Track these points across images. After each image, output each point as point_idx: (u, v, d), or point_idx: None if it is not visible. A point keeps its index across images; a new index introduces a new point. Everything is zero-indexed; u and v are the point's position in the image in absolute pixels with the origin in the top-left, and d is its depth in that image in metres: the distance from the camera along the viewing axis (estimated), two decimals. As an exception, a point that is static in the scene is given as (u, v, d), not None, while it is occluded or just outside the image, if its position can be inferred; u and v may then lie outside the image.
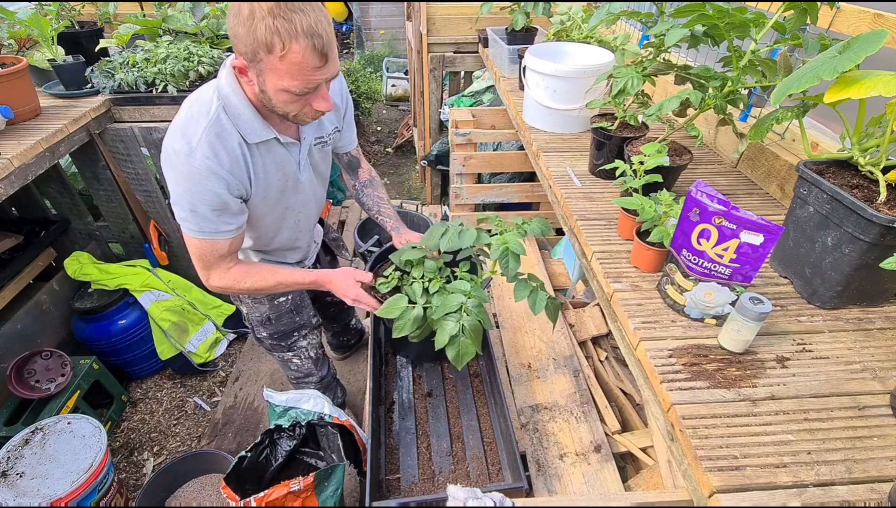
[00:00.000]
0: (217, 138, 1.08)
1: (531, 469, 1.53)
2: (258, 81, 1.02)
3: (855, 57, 0.83)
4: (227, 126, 1.09)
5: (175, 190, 1.11)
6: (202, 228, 1.15)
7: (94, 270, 2.31)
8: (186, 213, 1.13)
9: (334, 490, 1.48)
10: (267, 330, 1.65)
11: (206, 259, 1.22)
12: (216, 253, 1.21)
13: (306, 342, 1.76)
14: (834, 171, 1.03)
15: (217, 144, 1.08)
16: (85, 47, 2.33)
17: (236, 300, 1.65)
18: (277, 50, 0.92)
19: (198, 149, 1.06)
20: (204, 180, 1.08)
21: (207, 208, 1.12)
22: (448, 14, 3.09)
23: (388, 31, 6.68)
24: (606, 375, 1.82)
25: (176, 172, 1.09)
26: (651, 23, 1.39)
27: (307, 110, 1.08)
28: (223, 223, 1.16)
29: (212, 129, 1.07)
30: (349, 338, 2.41)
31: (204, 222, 1.14)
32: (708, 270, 0.98)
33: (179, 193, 1.11)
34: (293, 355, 1.76)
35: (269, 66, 0.96)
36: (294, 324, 1.67)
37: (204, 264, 1.24)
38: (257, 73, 1.00)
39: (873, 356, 0.96)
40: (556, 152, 1.74)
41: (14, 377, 1.92)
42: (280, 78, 0.97)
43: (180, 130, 1.08)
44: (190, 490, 1.89)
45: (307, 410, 1.56)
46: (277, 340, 1.69)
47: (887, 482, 0.76)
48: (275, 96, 1.03)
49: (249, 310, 1.61)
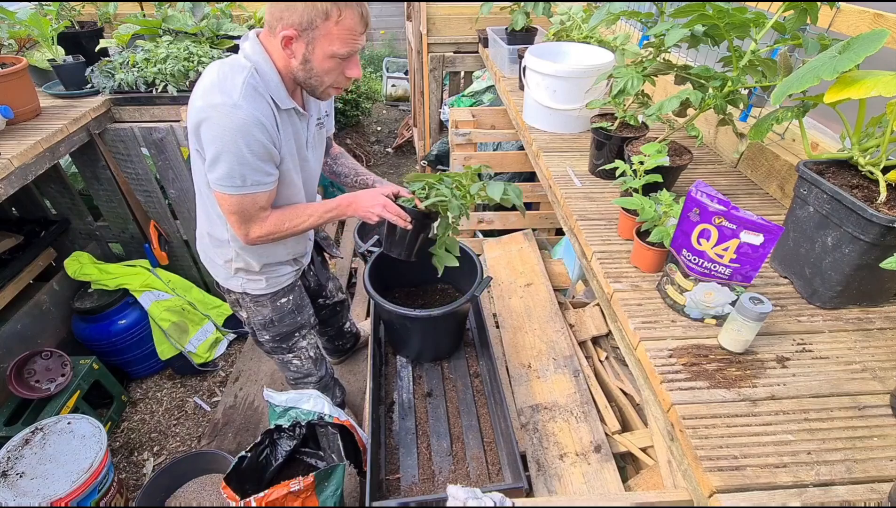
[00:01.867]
0: (255, 92, 1.12)
1: (531, 469, 1.53)
2: (305, 51, 1.10)
3: (855, 57, 0.83)
4: (260, 85, 1.14)
5: (218, 146, 1.11)
6: (247, 181, 1.16)
7: (94, 270, 2.31)
8: (231, 167, 1.13)
9: (334, 490, 1.48)
10: (270, 332, 1.65)
11: (246, 214, 1.22)
12: (257, 206, 1.21)
13: (306, 342, 1.76)
14: (834, 171, 1.03)
15: (257, 97, 1.12)
16: (85, 47, 2.33)
17: (236, 307, 1.64)
18: (334, 16, 1.05)
19: (241, 100, 1.09)
20: (251, 129, 1.10)
21: (255, 158, 1.13)
22: (448, 14, 3.09)
23: (388, 31, 6.68)
24: (606, 375, 1.82)
25: (220, 126, 1.09)
26: (651, 23, 1.38)
27: (339, 80, 1.18)
28: (266, 174, 1.19)
29: (249, 83, 1.11)
30: (344, 342, 2.40)
31: (250, 173, 1.15)
32: (708, 270, 0.98)
33: (224, 147, 1.11)
34: (293, 356, 1.76)
35: (324, 31, 1.07)
36: (296, 324, 1.67)
37: (243, 220, 1.23)
38: (307, 41, 1.09)
39: (873, 356, 0.96)
40: (556, 152, 1.74)
41: (14, 377, 1.92)
42: (331, 43, 1.09)
43: (216, 87, 1.10)
44: (190, 490, 1.89)
45: (307, 410, 1.57)
46: (279, 342, 1.69)
47: (887, 482, 0.76)
48: (320, 64, 1.12)
49: (251, 314, 1.61)
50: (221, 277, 1.54)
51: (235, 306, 1.65)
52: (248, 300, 1.58)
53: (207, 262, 1.56)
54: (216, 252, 1.49)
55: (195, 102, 1.13)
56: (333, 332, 2.30)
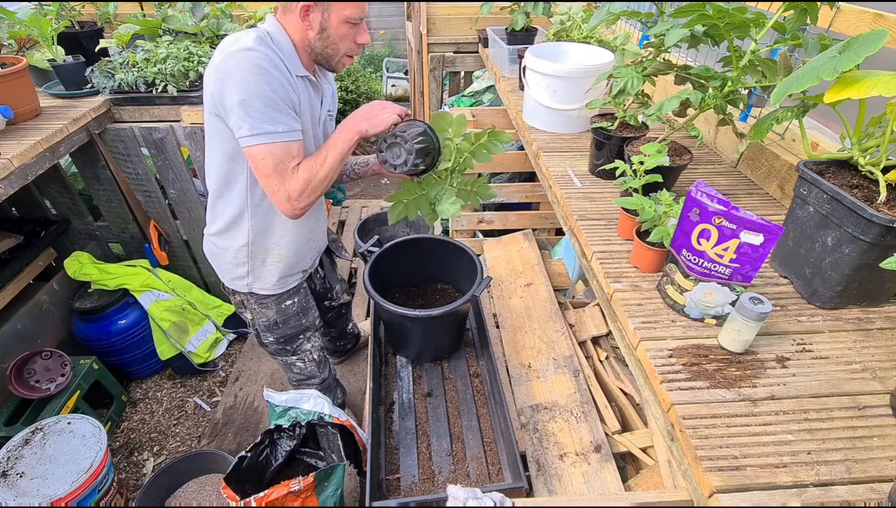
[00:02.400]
0: (268, 47, 1.17)
1: (531, 469, 1.53)
2: (322, 18, 1.19)
3: (855, 57, 0.83)
4: (271, 45, 1.18)
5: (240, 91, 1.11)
6: (277, 125, 1.15)
7: (94, 270, 2.31)
8: (259, 109, 1.13)
9: (334, 490, 1.49)
10: (274, 334, 1.64)
11: (282, 167, 1.18)
12: (290, 155, 1.19)
13: (310, 345, 1.76)
14: (834, 171, 1.03)
15: (269, 51, 1.16)
16: (85, 47, 2.33)
17: (240, 308, 1.63)
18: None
19: (256, 47, 1.14)
20: (269, 68, 1.13)
21: (278, 98, 1.15)
22: (448, 14, 3.09)
23: (388, 31, 6.68)
24: (606, 375, 1.82)
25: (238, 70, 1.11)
26: (651, 23, 1.38)
27: (351, 47, 1.26)
28: (294, 119, 1.19)
29: (261, 39, 1.16)
30: (346, 342, 2.41)
31: (278, 114, 1.15)
32: (708, 270, 0.98)
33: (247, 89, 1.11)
34: (297, 358, 1.75)
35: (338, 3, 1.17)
36: (300, 326, 1.67)
37: (282, 177, 1.19)
38: (322, 9, 1.18)
39: (873, 356, 0.96)
40: (556, 152, 1.74)
41: (14, 377, 1.92)
42: (344, 8, 1.18)
43: (228, 44, 1.14)
44: (190, 490, 1.89)
45: (307, 410, 1.57)
46: (283, 344, 1.68)
47: (887, 482, 0.76)
48: (335, 30, 1.21)
49: (256, 316, 1.60)
50: (228, 276, 1.53)
51: (240, 307, 1.64)
52: (252, 302, 1.57)
53: (214, 261, 1.54)
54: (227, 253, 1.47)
55: (210, 72, 1.16)
56: (336, 333, 2.30)
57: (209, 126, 1.25)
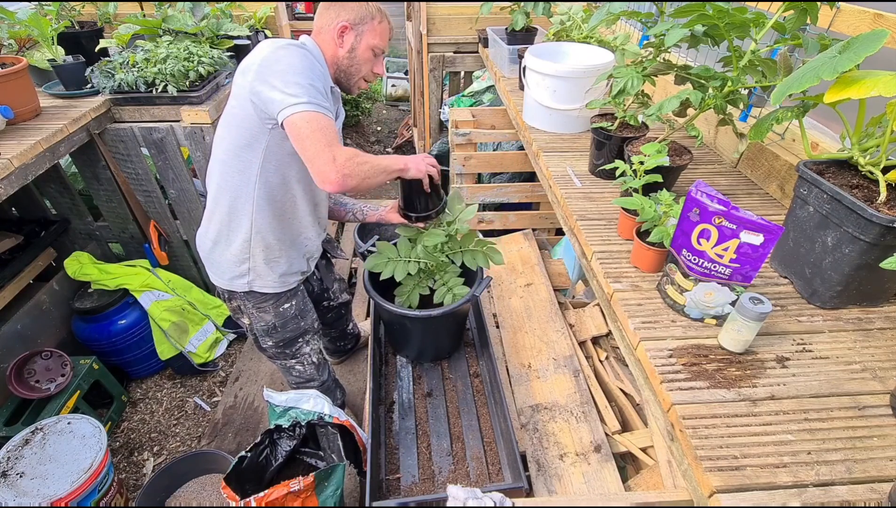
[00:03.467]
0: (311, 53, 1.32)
1: (531, 469, 1.53)
2: (354, 41, 1.36)
3: (855, 57, 0.83)
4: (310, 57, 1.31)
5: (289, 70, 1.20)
6: (326, 104, 1.22)
7: (94, 270, 2.31)
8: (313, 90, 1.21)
9: (334, 490, 1.49)
10: (273, 339, 1.64)
11: (329, 134, 1.20)
12: (332, 128, 1.22)
13: (309, 347, 1.75)
14: (834, 171, 1.03)
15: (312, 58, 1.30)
16: (85, 47, 2.33)
17: (237, 314, 1.62)
18: (377, 19, 1.37)
19: (304, 46, 1.31)
20: (315, 64, 1.27)
21: (322, 86, 1.25)
22: (448, 14, 3.09)
23: (388, 31, 6.67)
24: (606, 375, 1.82)
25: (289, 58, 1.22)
26: (651, 23, 1.38)
27: (368, 74, 1.44)
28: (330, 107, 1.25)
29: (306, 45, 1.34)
30: (346, 343, 2.40)
31: (321, 98, 1.22)
32: (708, 270, 0.98)
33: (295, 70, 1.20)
34: (296, 361, 1.75)
35: (370, 28, 1.37)
36: (299, 329, 1.66)
37: (328, 141, 1.19)
38: (357, 33, 1.36)
39: (873, 356, 0.96)
40: (556, 152, 1.74)
41: (14, 377, 1.92)
42: (373, 37, 1.38)
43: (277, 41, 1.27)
44: (190, 490, 1.89)
45: (307, 410, 1.57)
46: (282, 348, 1.68)
47: (887, 482, 0.76)
48: (362, 54, 1.38)
49: (254, 320, 1.60)
50: (227, 276, 1.50)
51: (237, 314, 1.63)
52: (250, 306, 1.56)
53: (211, 264, 1.53)
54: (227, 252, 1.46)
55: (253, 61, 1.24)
56: (336, 334, 2.30)
57: (233, 114, 1.31)
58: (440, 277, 1.65)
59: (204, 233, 1.51)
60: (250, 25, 2.91)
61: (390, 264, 1.60)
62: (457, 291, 1.61)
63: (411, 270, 1.58)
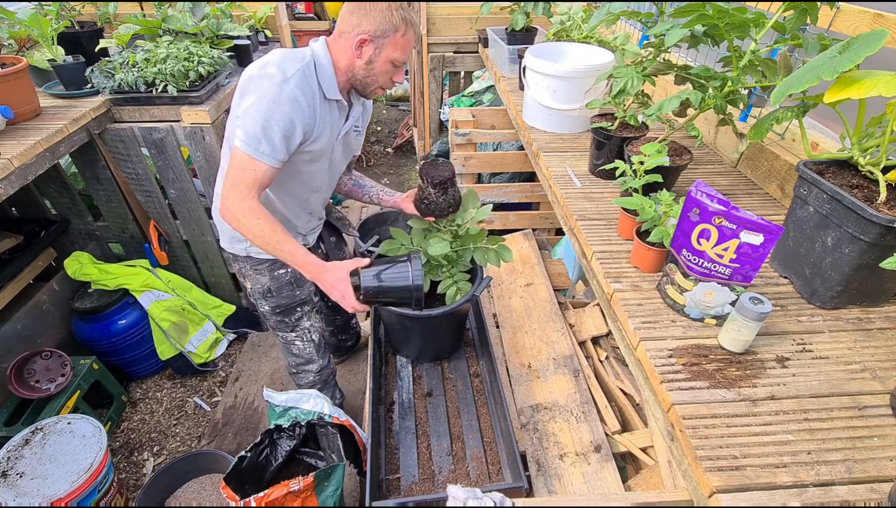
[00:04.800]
0: (305, 79, 1.28)
1: (531, 468, 1.53)
2: (373, 53, 1.31)
3: (855, 57, 0.83)
4: (313, 75, 1.31)
5: (254, 104, 1.23)
6: (261, 148, 1.24)
7: (94, 270, 2.31)
8: (255, 129, 1.23)
9: (334, 489, 1.49)
10: (269, 303, 1.69)
11: (241, 178, 1.26)
12: (255, 175, 1.26)
13: (309, 323, 1.79)
14: (834, 171, 1.03)
15: (305, 83, 1.28)
16: (85, 47, 2.33)
17: (240, 277, 1.70)
18: (401, 30, 1.29)
19: (292, 79, 1.25)
20: (288, 106, 1.24)
21: (279, 131, 1.24)
22: (448, 14, 3.09)
23: (388, 31, 6.67)
24: (606, 375, 1.82)
25: (262, 91, 1.23)
26: (651, 23, 1.38)
27: (387, 83, 1.39)
28: (279, 151, 1.27)
29: (304, 71, 1.28)
30: (347, 338, 2.41)
31: (266, 143, 1.24)
32: (708, 270, 0.98)
33: (259, 109, 1.22)
34: (296, 335, 1.79)
35: (392, 41, 1.29)
36: (295, 298, 1.71)
37: (234, 183, 1.27)
38: (377, 46, 1.30)
39: (873, 356, 0.96)
40: (556, 152, 1.74)
41: (14, 377, 1.92)
42: (394, 51, 1.31)
43: (275, 63, 1.26)
44: (190, 490, 1.89)
45: (307, 410, 1.57)
46: (280, 315, 1.73)
47: (887, 482, 0.76)
48: (381, 67, 1.33)
49: (252, 283, 1.66)
50: (227, 240, 1.60)
51: (240, 276, 1.71)
52: (248, 268, 1.62)
53: (218, 225, 1.62)
54: None
55: (250, 70, 1.28)
56: (341, 322, 2.31)
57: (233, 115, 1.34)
58: (447, 270, 1.64)
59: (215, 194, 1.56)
60: (250, 25, 2.91)
61: (403, 252, 1.60)
62: (461, 285, 1.61)
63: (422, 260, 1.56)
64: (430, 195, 1.52)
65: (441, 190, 1.52)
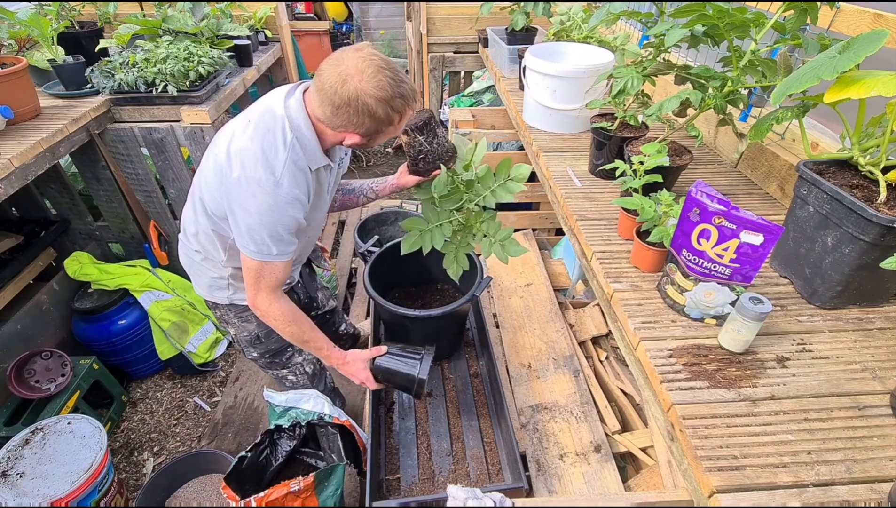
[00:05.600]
0: (295, 166, 1.16)
1: (531, 469, 1.53)
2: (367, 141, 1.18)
3: (855, 57, 0.83)
4: (300, 154, 1.18)
5: (254, 218, 1.15)
6: (272, 251, 1.20)
7: (94, 270, 2.31)
8: (263, 239, 1.17)
9: (334, 490, 1.49)
10: (258, 350, 1.62)
11: (263, 283, 1.25)
12: (275, 275, 1.25)
13: (301, 357, 1.73)
14: (834, 171, 1.03)
15: (296, 172, 1.17)
16: (85, 47, 2.33)
17: (223, 324, 1.61)
18: (397, 120, 1.14)
19: (283, 178, 1.14)
20: (289, 208, 1.16)
21: (287, 233, 1.19)
22: (448, 14, 3.09)
23: (388, 31, 6.68)
24: (606, 375, 1.82)
25: (258, 201, 1.13)
26: (651, 23, 1.38)
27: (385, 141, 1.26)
28: (290, 244, 1.24)
29: (290, 158, 1.15)
30: (342, 344, 2.40)
31: (277, 245, 1.20)
32: (708, 270, 0.98)
33: (261, 221, 1.15)
34: (288, 371, 1.73)
35: (388, 131, 1.17)
36: (284, 341, 1.62)
37: (257, 288, 1.27)
38: (369, 139, 1.18)
39: (873, 356, 0.96)
40: (556, 152, 1.74)
41: (14, 377, 1.92)
42: (391, 134, 1.19)
43: (259, 161, 1.12)
44: (190, 490, 1.89)
45: (307, 410, 1.57)
46: (270, 358, 1.66)
47: (887, 482, 0.76)
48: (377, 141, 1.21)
49: (238, 331, 1.58)
50: (206, 290, 1.51)
51: (222, 323, 1.61)
52: (232, 315, 1.54)
53: (193, 274, 1.52)
54: (207, 266, 1.45)
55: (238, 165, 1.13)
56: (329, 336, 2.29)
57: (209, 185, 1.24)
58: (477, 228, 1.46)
59: (184, 242, 1.47)
60: (250, 25, 2.91)
61: (426, 236, 1.43)
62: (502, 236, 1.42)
63: (447, 233, 1.44)
64: (421, 144, 1.36)
65: (429, 134, 1.35)
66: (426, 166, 1.40)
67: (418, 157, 1.39)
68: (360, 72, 1.06)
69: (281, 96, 1.18)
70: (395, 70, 1.10)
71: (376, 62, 1.07)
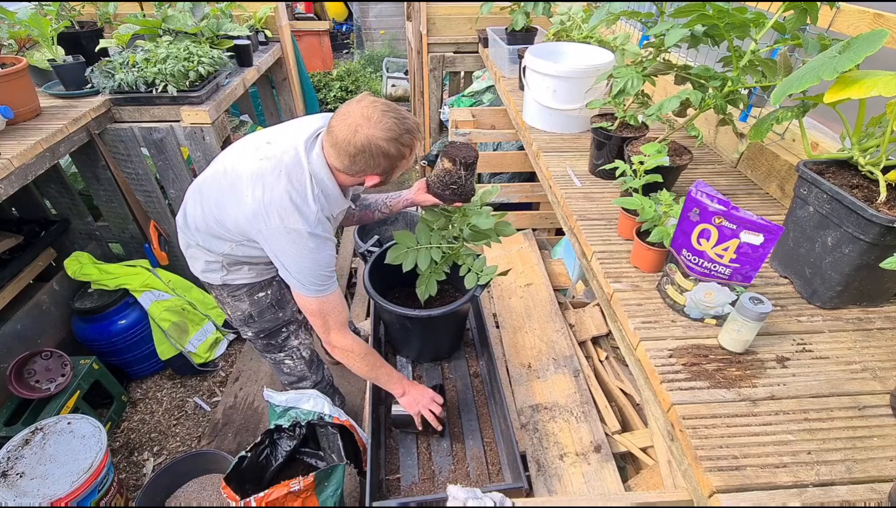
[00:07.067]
0: (323, 214, 1.30)
1: (531, 469, 1.53)
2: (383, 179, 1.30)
3: (855, 57, 0.83)
4: (325, 204, 1.31)
5: (299, 264, 1.28)
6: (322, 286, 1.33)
7: (94, 270, 2.31)
8: (312, 279, 1.31)
9: (334, 490, 1.49)
10: (252, 329, 1.66)
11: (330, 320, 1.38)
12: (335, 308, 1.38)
13: (297, 341, 1.75)
14: (834, 171, 1.03)
15: (324, 220, 1.30)
16: (85, 47, 2.33)
17: (219, 303, 1.66)
18: (408, 153, 1.25)
19: (317, 227, 1.27)
20: (324, 249, 1.30)
21: (327, 267, 1.33)
22: (448, 14, 3.09)
23: (388, 31, 6.68)
24: (606, 375, 1.82)
25: (297, 247, 1.26)
26: (651, 23, 1.38)
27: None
28: (331, 276, 1.36)
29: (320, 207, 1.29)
30: None
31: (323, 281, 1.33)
32: (708, 270, 0.98)
33: (305, 265, 1.28)
34: (285, 355, 1.75)
35: (402, 165, 1.28)
36: (278, 320, 1.67)
37: (327, 328, 1.40)
38: (387, 175, 1.29)
39: (873, 356, 0.96)
40: (556, 152, 1.74)
41: (14, 377, 1.92)
42: (403, 167, 1.30)
43: (296, 212, 1.24)
44: (190, 490, 1.89)
45: (307, 410, 1.57)
46: (266, 339, 1.69)
47: (887, 482, 0.76)
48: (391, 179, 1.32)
49: (232, 310, 1.62)
50: (200, 271, 1.56)
51: (219, 304, 1.67)
52: (225, 294, 1.59)
53: (189, 255, 1.57)
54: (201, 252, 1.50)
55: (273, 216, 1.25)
56: None
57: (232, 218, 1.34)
58: (462, 260, 1.58)
59: (184, 230, 1.51)
60: (250, 25, 2.91)
61: (411, 254, 1.55)
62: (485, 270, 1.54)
63: (435, 256, 1.53)
64: (461, 177, 1.43)
65: (470, 172, 1.44)
66: (452, 197, 1.48)
67: (451, 185, 1.46)
68: (367, 119, 1.17)
69: (303, 147, 1.29)
70: (396, 110, 1.21)
71: (379, 107, 1.18)
